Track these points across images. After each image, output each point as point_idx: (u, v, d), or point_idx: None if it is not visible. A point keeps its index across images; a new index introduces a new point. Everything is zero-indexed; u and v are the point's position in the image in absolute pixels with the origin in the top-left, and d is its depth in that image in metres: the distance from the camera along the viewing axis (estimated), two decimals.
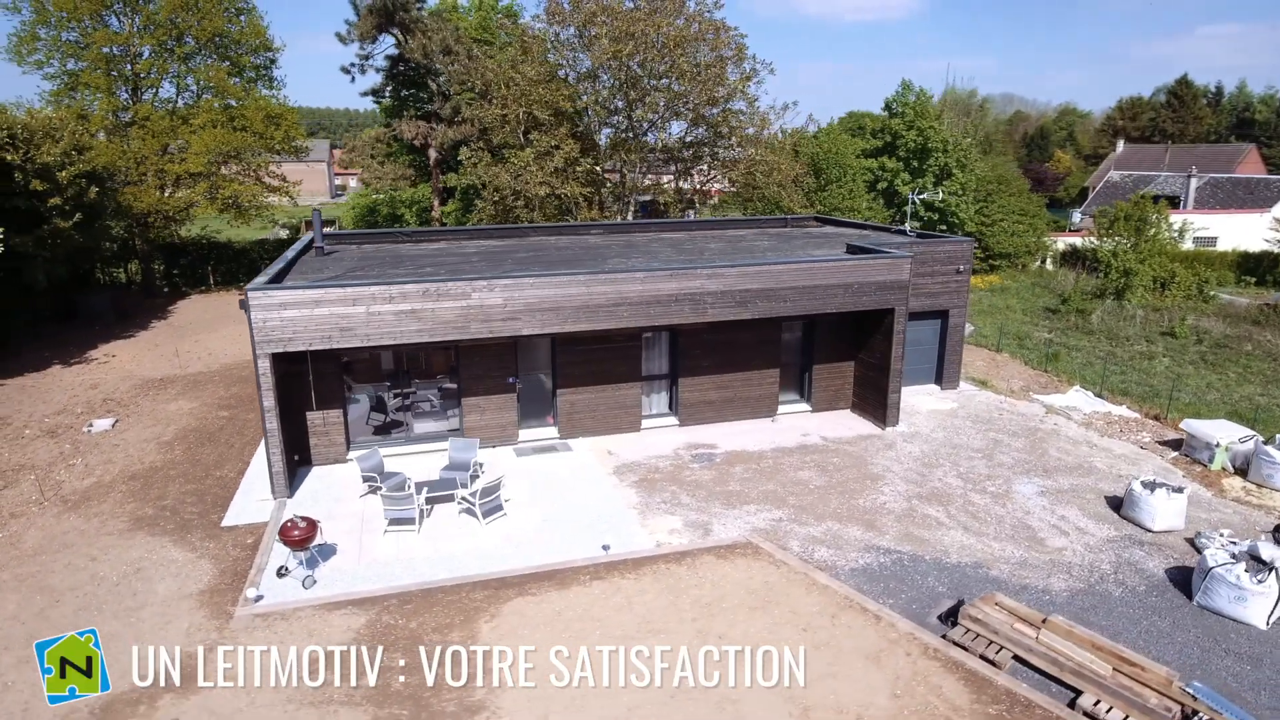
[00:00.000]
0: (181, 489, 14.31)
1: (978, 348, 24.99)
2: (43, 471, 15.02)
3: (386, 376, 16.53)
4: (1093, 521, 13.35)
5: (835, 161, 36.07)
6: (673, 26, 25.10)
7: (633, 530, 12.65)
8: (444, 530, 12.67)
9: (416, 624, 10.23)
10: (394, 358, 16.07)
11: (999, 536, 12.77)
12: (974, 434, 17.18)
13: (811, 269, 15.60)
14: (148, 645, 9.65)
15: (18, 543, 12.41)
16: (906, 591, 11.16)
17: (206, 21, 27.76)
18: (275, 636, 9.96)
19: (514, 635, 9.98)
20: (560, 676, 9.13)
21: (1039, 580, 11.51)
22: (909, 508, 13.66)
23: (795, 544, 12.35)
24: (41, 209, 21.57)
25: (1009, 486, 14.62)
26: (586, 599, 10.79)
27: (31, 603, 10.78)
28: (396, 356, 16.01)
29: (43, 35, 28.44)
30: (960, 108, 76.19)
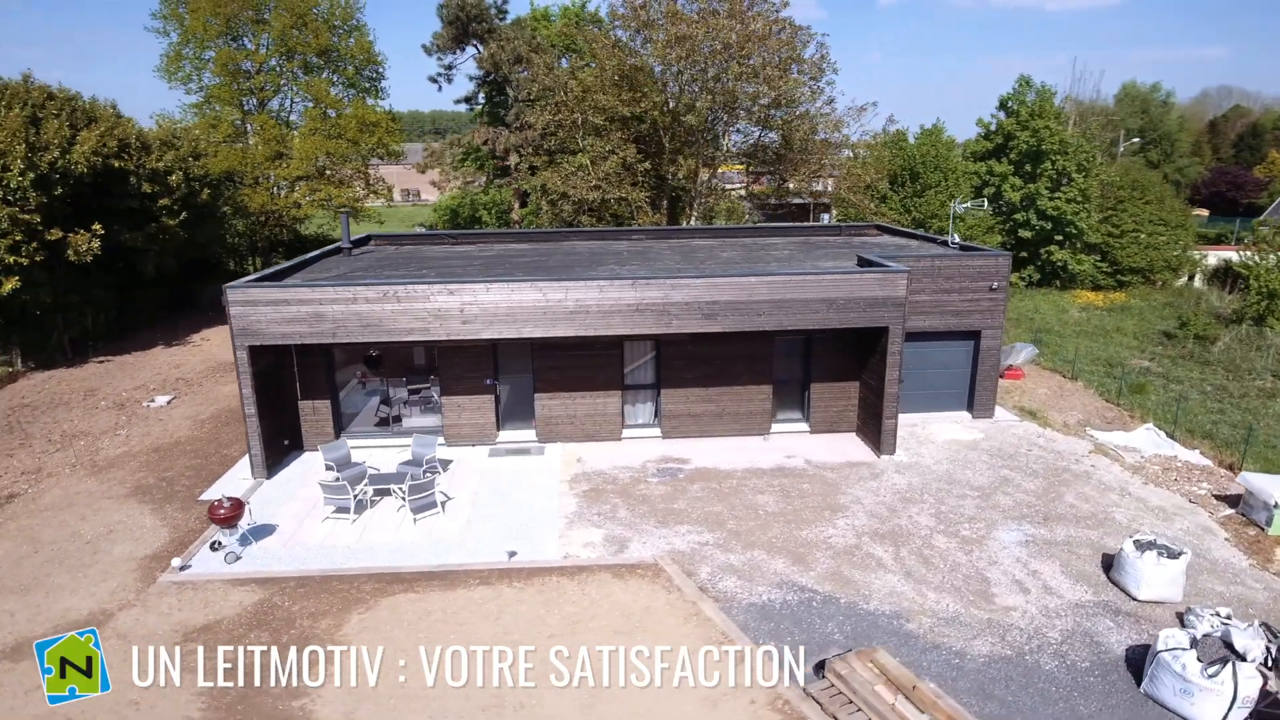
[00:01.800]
0: (188, 463, 15.93)
1: (1049, 373, 22.44)
2: (92, 439, 17.27)
3: (407, 372, 17.48)
4: (1069, 582, 11.67)
5: (935, 165, 33.59)
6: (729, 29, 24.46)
7: (548, 540, 12.59)
8: (379, 522, 13.24)
9: (298, 608, 10.81)
10: (424, 353, 16.99)
11: (942, 587, 11.47)
12: (984, 469, 15.50)
13: (787, 282, 14.74)
14: (74, 599, 10.92)
15: (38, 499, 14.38)
16: (797, 634, 10.32)
17: (314, 39, 30.53)
18: (176, 604, 10.90)
19: (375, 630, 10.29)
20: (389, 676, 9.32)
21: (960, 642, 10.24)
22: (855, 544, 12.59)
23: (705, 571, 11.77)
24: (152, 208, 24.67)
25: (989, 532, 13.07)
26: (462, 603, 10.91)
27: (17, 551, 12.47)
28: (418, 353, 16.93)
29: (186, 54, 32.53)
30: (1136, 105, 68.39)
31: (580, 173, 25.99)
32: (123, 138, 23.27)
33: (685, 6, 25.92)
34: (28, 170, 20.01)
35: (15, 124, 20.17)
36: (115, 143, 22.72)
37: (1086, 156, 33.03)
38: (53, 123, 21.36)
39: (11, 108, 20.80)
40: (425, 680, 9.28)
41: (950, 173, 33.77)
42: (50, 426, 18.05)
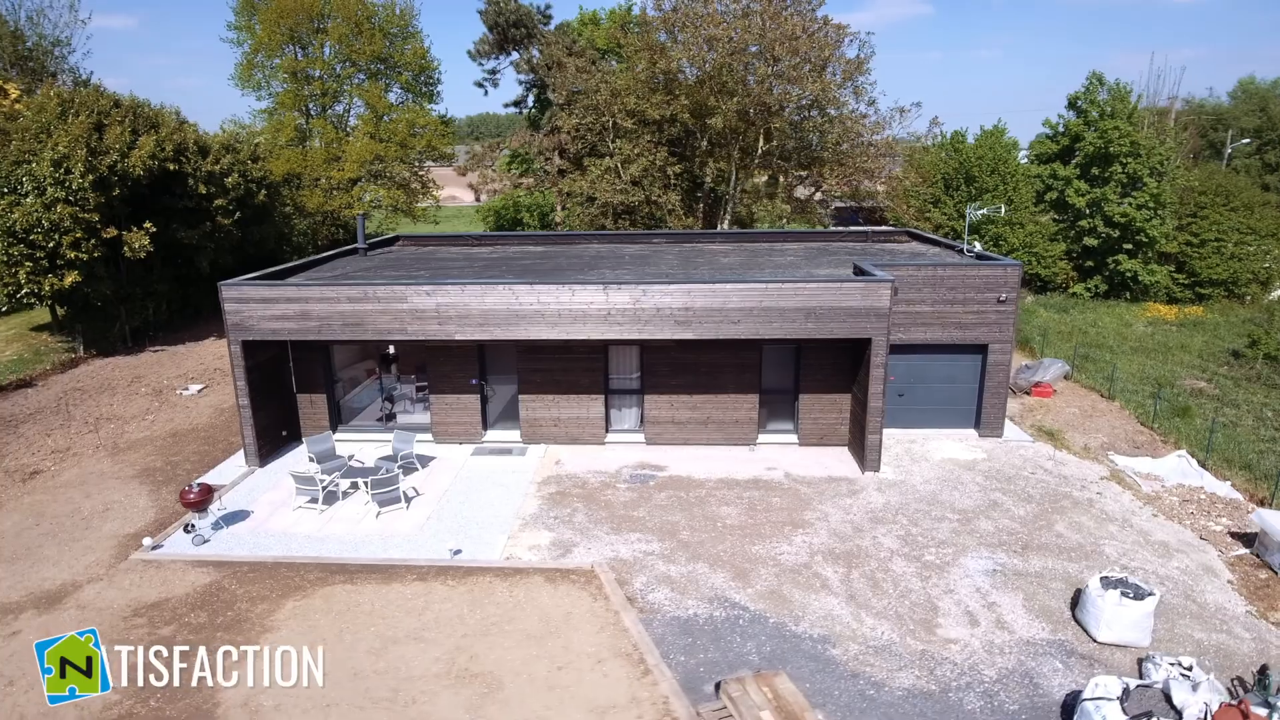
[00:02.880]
0: (196, 449, 16.96)
1: (1086, 391, 20.97)
2: (122, 423, 18.63)
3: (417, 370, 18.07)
4: (1028, 617, 10.90)
5: (992, 168, 31.94)
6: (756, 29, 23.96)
7: (497, 540, 12.74)
8: (345, 514, 13.72)
9: (243, 591, 11.34)
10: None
11: (883, 613, 10.94)
12: (973, 492, 14.66)
13: (764, 290, 14.36)
14: (53, 570, 11.85)
15: (57, 476, 15.64)
16: (711, 652, 10.07)
17: (368, 46, 31.88)
18: (138, 580, 11.63)
19: (303, 617, 10.68)
20: (297, 662, 9.67)
21: (883, 672, 9.74)
22: (805, 563, 12.16)
23: (641, 580, 11.64)
24: (208, 208, 26.36)
25: (955, 558, 12.36)
26: (393, 597, 11.18)
27: (22, 523, 13.61)
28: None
29: (257, 63, 34.58)
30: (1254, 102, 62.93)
31: (607, 176, 26.09)
32: (180, 143, 24.96)
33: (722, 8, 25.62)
34: (88, 173, 21.76)
35: (78, 130, 21.98)
36: (172, 147, 24.41)
37: (1161, 159, 30.61)
38: (115, 129, 23.15)
39: (79, 115, 22.66)
40: (330, 669, 9.58)
41: (1009, 176, 32.03)
42: (92, 410, 19.58)
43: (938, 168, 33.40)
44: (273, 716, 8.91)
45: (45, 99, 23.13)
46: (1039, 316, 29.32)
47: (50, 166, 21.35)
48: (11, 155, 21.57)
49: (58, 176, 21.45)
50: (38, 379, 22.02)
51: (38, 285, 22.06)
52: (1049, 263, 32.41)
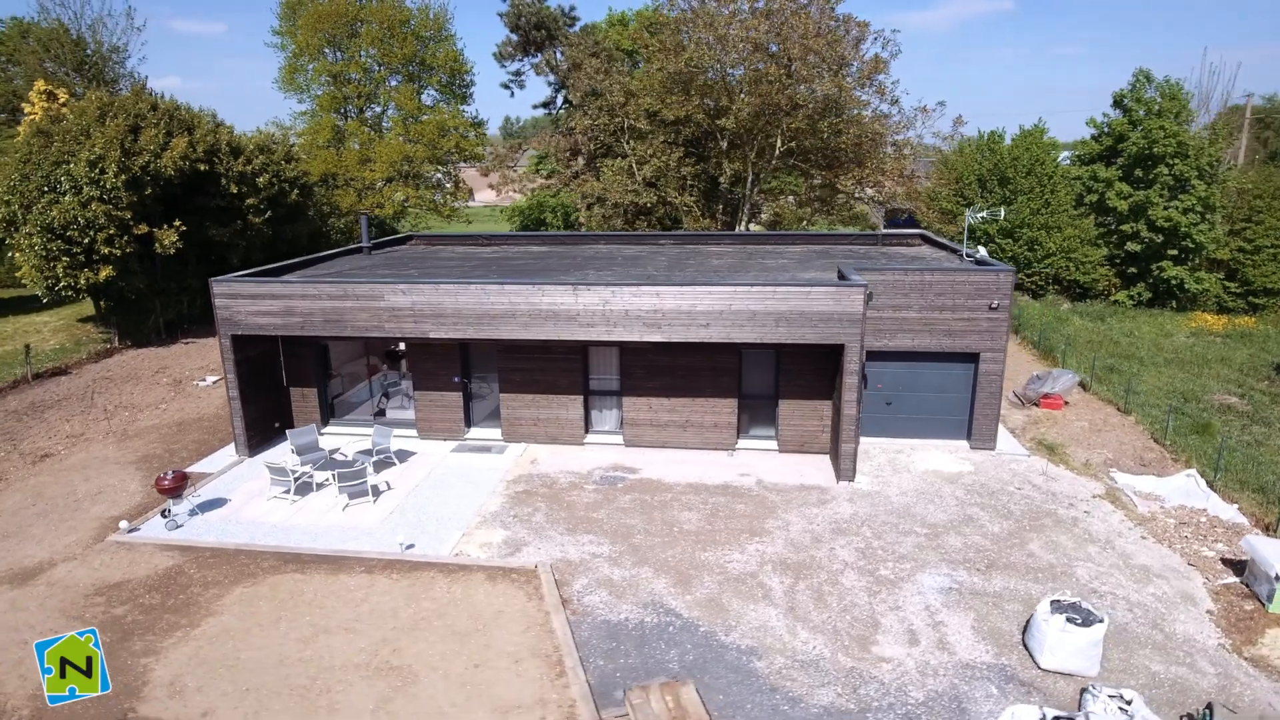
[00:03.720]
0: (196, 438, 17.71)
1: (1103, 404, 19.96)
2: (136, 411, 19.59)
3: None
4: (974, 639, 10.46)
5: (1028, 169, 30.69)
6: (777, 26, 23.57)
7: (452, 536, 12.91)
8: (316, 505, 14.11)
9: (199, 575, 11.80)
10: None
11: (820, 627, 10.66)
12: (950, 506, 14.14)
13: (733, 294, 14.16)
14: (35, 549, 12.57)
15: (64, 459, 16.56)
16: (633, 658, 9.99)
17: (400, 48, 32.70)
18: (108, 561, 12.22)
19: (247, 604, 11.04)
20: (229, 646, 10.02)
21: (804, 688, 9.50)
22: (752, 572, 11.94)
23: (581, 582, 11.63)
24: (240, 207, 27.47)
25: (912, 574, 11.95)
26: (337, 587, 11.45)
27: (21, 503, 14.46)
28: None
29: (300, 66, 35.88)
30: None
31: (620, 177, 26.10)
32: (213, 144, 26.09)
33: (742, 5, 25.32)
34: (121, 172, 22.96)
35: (113, 133, 23.21)
36: (204, 149, 25.53)
37: (1210, 160, 28.87)
38: (150, 131, 24.36)
39: (116, 117, 23.92)
40: (258, 654, 9.89)
41: (1047, 178, 30.72)
42: (113, 398, 20.66)
43: (971, 168, 32.28)
44: (193, 696, 9.25)
45: (87, 103, 24.50)
46: (1071, 325, 28.04)
47: (86, 167, 22.61)
48: (52, 156, 22.92)
49: (93, 176, 22.70)
50: (73, 367, 23.35)
51: (74, 279, 23.39)
52: (1088, 269, 30.97)
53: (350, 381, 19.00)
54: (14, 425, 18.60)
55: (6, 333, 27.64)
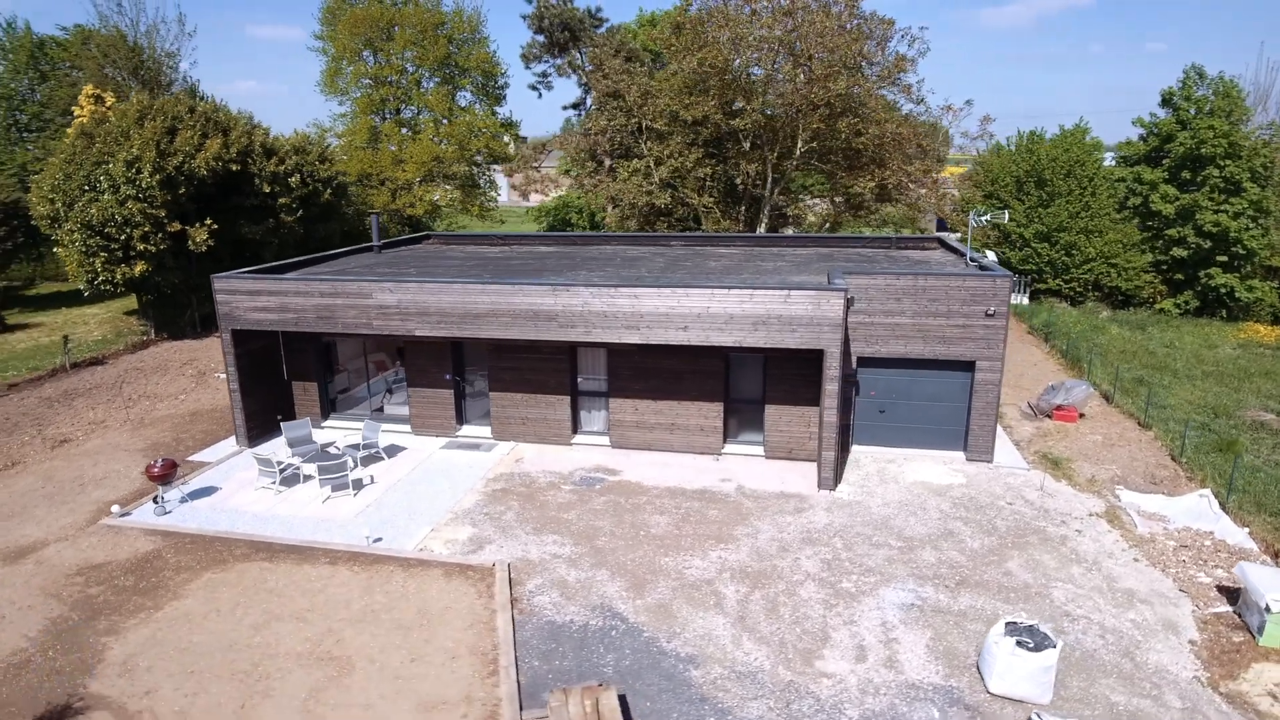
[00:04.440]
0: (204, 428, 18.40)
1: (1124, 418, 19.01)
2: (155, 400, 20.48)
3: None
4: (926, 658, 10.09)
5: (1067, 170, 29.43)
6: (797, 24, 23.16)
7: (419, 532, 13.10)
8: (299, 496, 14.50)
9: (174, 560, 12.26)
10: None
11: (767, 639, 10.43)
12: (932, 519, 13.67)
13: (711, 296, 13.98)
14: (34, 529, 13.27)
15: (81, 445, 17.42)
16: (569, 660, 9.96)
17: (432, 51, 33.36)
18: (95, 544, 12.81)
19: (211, 589, 11.42)
20: (185, 630, 10.38)
21: (735, 700, 9.31)
22: (709, 579, 11.77)
23: (535, 582, 11.65)
24: (273, 206, 28.45)
25: (875, 588, 11.60)
26: (299, 577, 11.74)
27: (33, 485, 15.27)
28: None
29: (342, 69, 36.96)
30: None
31: (635, 178, 26.05)
32: (247, 146, 27.08)
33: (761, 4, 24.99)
34: (155, 172, 24.04)
35: (149, 134, 24.33)
36: (238, 150, 26.53)
37: (1264, 162, 27.16)
38: (186, 133, 25.43)
39: (154, 119, 25.06)
40: (209, 638, 10.22)
41: (1087, 180, 29.41)
42: (139, 388, 21.65)
43: (1008, 169, 31.14)
44: (142, 675, 9.61)
45: (128, 106, 25.73)
46: (1107, 333, 26.78)
47: (124, 167, 23.75)
48: (93, 156, 24.16)
49: (129, 176, 23.83)
50: (109, 358, 24.56)
51: (112, 274, 24.58)
52: (1131, 275, 29.53)
53: (358, 377, 19.46)
54: (44, 411, 19.66)
55: (58, 324, 29.25)
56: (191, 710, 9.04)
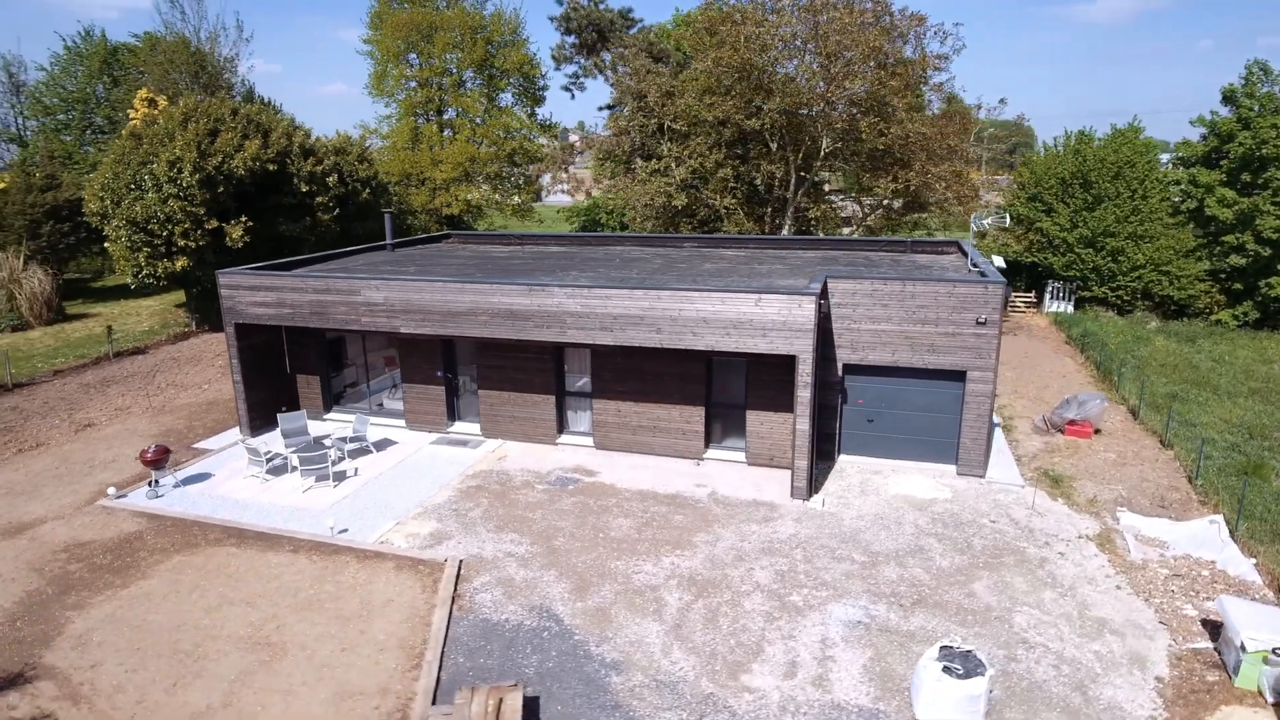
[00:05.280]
0: (216, 417, 19.25)
1: (1146, 435, 17.91)
2: (178, 390, 21.54)
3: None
4: (859, 679, 9.74)
5: (1115, 172, 27.87)
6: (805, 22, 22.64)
7: (384, 525, 13.38)
8: (284, 486, 15.00)
9: (153, 542, 12.88)
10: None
11: (698, 649, 10.25)
12: (905, 535, 13.16)
13: (683, 298, 13.82)
14: (39, 507, 14.16)
15: (102, 429, 18.48)
16: (494, 658, 10.01)
17: (469, 54, 34.03)
18: (87, 523, 13.57)
19: (177, 571, 11.95)
20: (142, 609, 10.89)
21: (649, 709, 9.18)
22: (655, 585, 11.64)
23: (481, 580, 11.75)
24: (311, 205, 29.55)
25: (825, 604, 11.25)
26: (260, 564, 12.16)
27: (50, 465, 16.29)
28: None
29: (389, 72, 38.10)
30: None
31: (653, 179, 25.94)
32: (285, 147, 28.20)
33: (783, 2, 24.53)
34: (195, 172, 25.29)
35: (190, 136, 25.61)
36: (276, 151, 27.66)
37: None
38: (226, 134, 26.66)
39: (197, 121, 26.36)
40: (162, 618, 10.69)
41: (1138, 182, 27.78)
42: (170, 377, 22.83)
43: (1053, 170, 29.69)
44: (93, 650, 10.13)
45: (175, 108, 27.14)
46: (1151, 345, 25.25)
47: (166, 166, 25.07)
48: (140, 157, 25.58)
49: (171, 175, 25.13)
50: (150, 348, 25.98)
51: (155, 268, 25.98)
52: (1184, 284, 27.76)
53: (369, 372, 19.98)
54: (79, 396, 20.94)
55: (113, 315, 31.11)
56: (127, 685, 9.48)
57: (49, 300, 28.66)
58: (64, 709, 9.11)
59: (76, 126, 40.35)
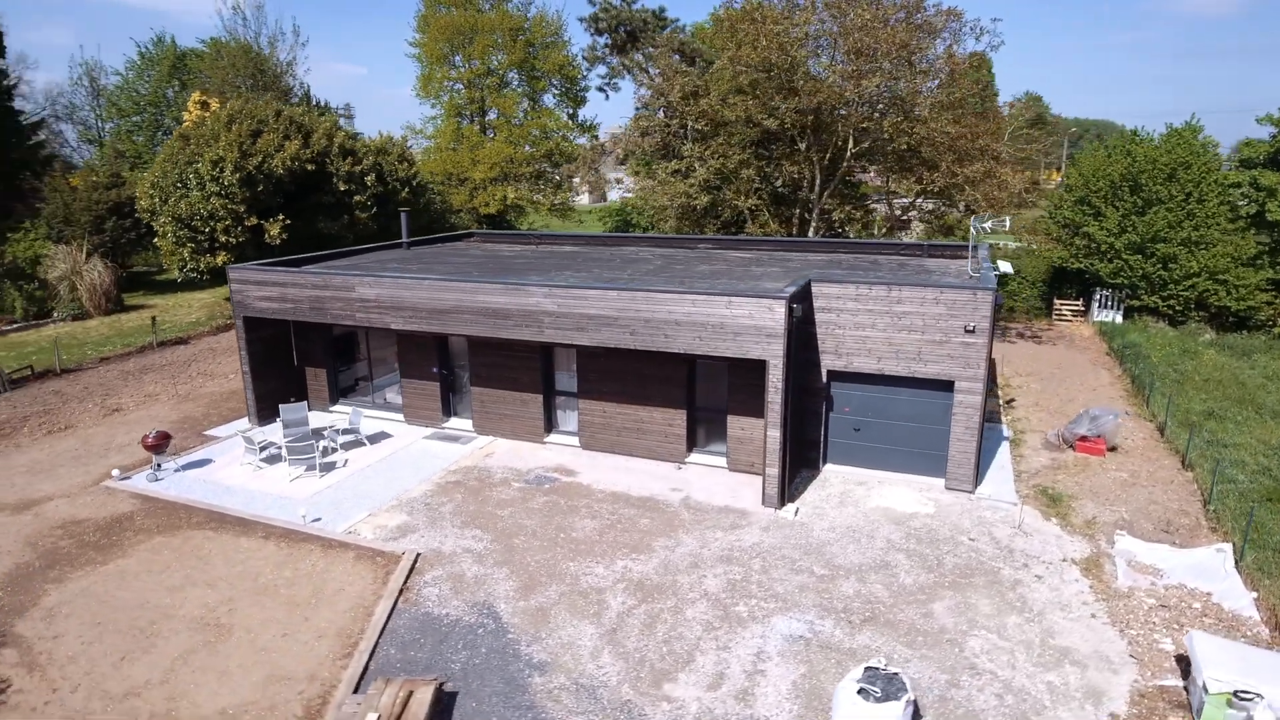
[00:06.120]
0: (233, 406, 20.11)
1: (1170, 456, 16.79)
2: (205, 379, 22.61)
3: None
4: (784, 696, 9.47)
5: (1168, 174, 26.20)
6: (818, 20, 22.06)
7: (356, 515, 13.73)
8: (274, 474, 15.57)
9: (140, 523, 13.57)
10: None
11: (628, 655, 10.15)
12: (875, 549, 12.72)
13: (656, 300, 13.69)
14: (52, 486, 15.12)
15: (128, 415, 19.57)
16: (424, 652, 10.15)
17: (509, 56, 34.59)
18: (88, 502, 14.40)
19: (155, 550, 12.56)
20: (115, 584, 11.49)
21: (562, 713, 9.14)
22: (604, 588, 11.59)
23: (433, 574, 11.93)
24: (349, 203, 30.60)
25: (769, 616, 10.98)
26: (231, 548, 12.66)
27: (73, 446, 17.35)
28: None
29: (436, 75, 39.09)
30: None
31: (674, 178, 25.77)
32: (324, 148, 29.27)
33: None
34: (236, 171, 26.51)
35: (233, 137, 26.86)
36: (315, 151, 28.74)
37: None
38: (268, 135, 27.85)
39: (241, 124, 27.63)
40: (127, 596, 11.26)
41: (1193, 185, 26.04)
42: (203, 367, 23.99)
43: (1102, 171, 28.13)
44: (60, 622, 10.75)
45: (222, 110, 28.51)
46: (1198, 359, 23.62)
47: (209, 165, 26.36)
48: (186, 156, 26.98)
49: (214, 174, 26.42)
50: (193, 338, 27.36)
51: (198, 262, 27.36)
52: (1243, 294, 25.90)
53: (374, 367, 20.55)
54: (117, 383, 22.24)
55: (167, 306, 32.91)
56: (80, 656, 10.02)
57: (107, 291, 30.54)
58: (19, 675, 9.69)
59: (147, 128, 42.91)
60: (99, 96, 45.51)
